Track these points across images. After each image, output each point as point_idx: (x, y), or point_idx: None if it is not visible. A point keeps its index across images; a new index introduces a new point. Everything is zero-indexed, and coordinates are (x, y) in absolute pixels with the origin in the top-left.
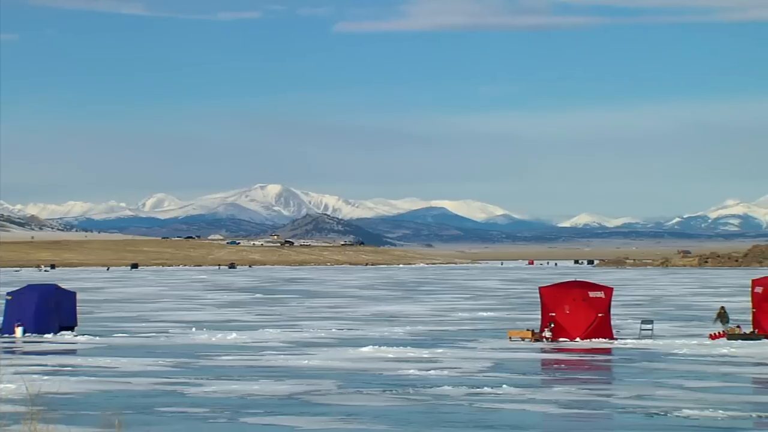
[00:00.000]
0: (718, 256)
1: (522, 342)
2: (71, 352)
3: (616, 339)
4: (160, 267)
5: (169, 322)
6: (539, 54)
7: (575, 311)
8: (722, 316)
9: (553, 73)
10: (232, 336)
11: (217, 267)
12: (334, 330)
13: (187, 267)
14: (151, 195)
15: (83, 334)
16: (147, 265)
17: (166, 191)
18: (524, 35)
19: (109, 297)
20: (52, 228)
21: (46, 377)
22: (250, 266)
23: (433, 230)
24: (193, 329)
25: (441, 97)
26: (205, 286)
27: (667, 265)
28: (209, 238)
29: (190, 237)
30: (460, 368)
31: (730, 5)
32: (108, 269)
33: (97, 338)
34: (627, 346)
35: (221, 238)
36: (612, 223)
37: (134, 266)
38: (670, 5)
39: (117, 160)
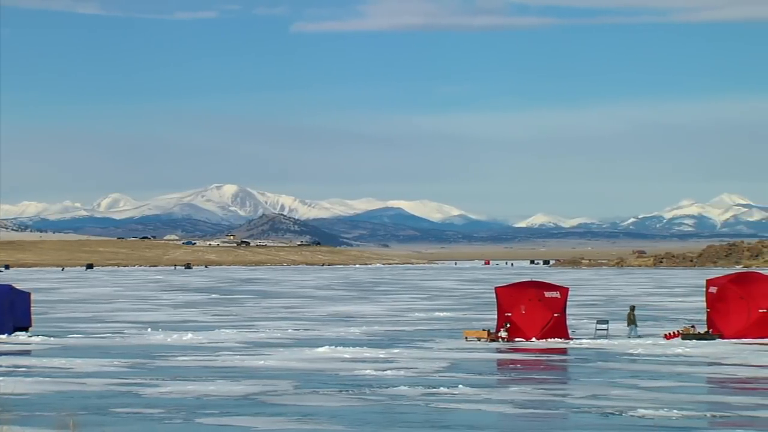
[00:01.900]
0: (673, 257)
1: (478, 342)
2: (26, 353)
3: (572, 339)
4: (116, 267)
5: (125, 323)
6: (496, 54)
7: (531, 311)
8: (629, 316)
9: (510, 73)
10: (188, 336)
11: (172, 267)
12: (290, 330)
13: (142, 267)
14: (107, 195)
15: (38, 335)
16: (102, 266)
17: (121, 191)
18: (481, 36)
19: (64, 297)
20: (6, 228)
21: (0, 378)
22: (206, 266)
23: (389, 230)
24: (149, 330)
25: (398, 97)
26: (161, 287)
27: (622, 266)
28: (165, 238)
29: (146, 237)
30: (416, 368)
31: (687, 6)
32: (63, 270)
33: (52, 339)
34: (582, 346)
35: (177, 238)
36: (568, 223)
37: (89, 267)
38: (627, 6)
39: (72, 160)
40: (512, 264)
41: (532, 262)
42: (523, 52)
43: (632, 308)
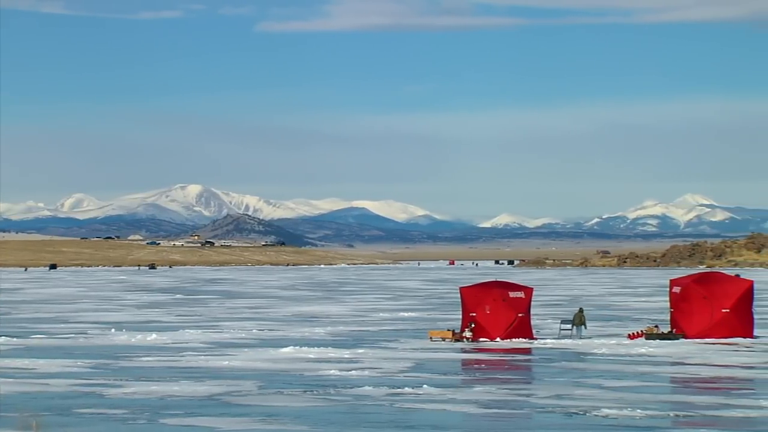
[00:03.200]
0: (637, 257)
1: (443, 342)
2: None
3: (536, 339)
4: (79, 267)
5: (88, 323)
6: (461, 55)
7: (495, 311)
8: (578, 317)
9: (475, 74)
10: (152, 337)
11: (136, 267)
12: (254, 331)
13: (106, 267)
14: (70, 195)
15: (1, 336)
16: (66, 266)
17: (85, 191)
18: (446, 36)
19: (27, 298)
20: None
21: None
22: (170, 267)
23: (354, 231)
24: (113, 330)
25: (363, 97)
26: (125, 287)
27: (586, 266)
28: (129, 238)
29: (110, 237)
30: (380, 368)
31: (651, 7)
32: (26, 270)
33: (15, 339)
34: (547, 346)
35: (141, 238)
36: (532, 223)
37: (53, 267)
38: (591, 7)
39: (35, 159)
40: (477, 264)
41: (496, 262)
42: (488, 53)
43: (580, 310)
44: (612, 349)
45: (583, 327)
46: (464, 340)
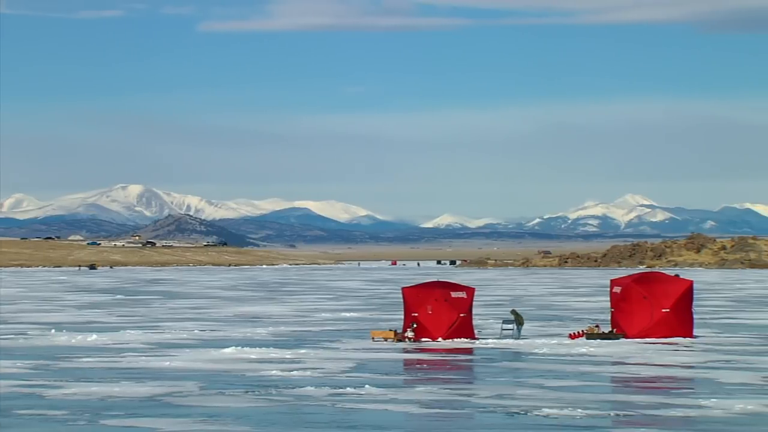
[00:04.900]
0: (578, 257)
1: (385, 342)
2: None
3: (478, 339)
4: (19, 268)
5: (28, 324)
6: (403, 55)
7: (437, 311)
8: (516, 317)
9: (416, 74)
10: (93, 338)
11: (77, 268)
12: (196, 331)
13: (46, 268)
14: (9, 195)
15: None
16: (5, 266)
17: (24, 191)
18: (389, 36)
19: None
20: None
21: None
22: (111, 267)
23: (296, 231)
24: (53, 331)
25: (305, 97)
26: (65, 288)
27: (527, 266)
28: (69, 238)
29: (50, 238)
30: (322, 369)
31: (593, 8)
32: None
33: None
34: (488, 345)
35: (81, 238)
36: (474, 223)
37: None
38: (534, 7)
39: None
40: (419, 264)
41: (438, 262)
42: (430, 53)
43: (512, 311)
44: (553, 348)
45: (521, 326)
46: (406, 340)
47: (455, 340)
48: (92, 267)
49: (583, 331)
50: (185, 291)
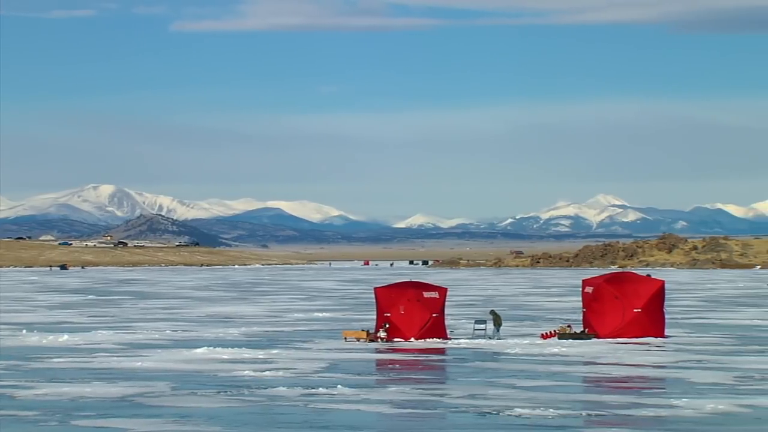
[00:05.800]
0: (550, 257)
1: (357, 342)
2: None
3: (450, 339)
4: None
5: None
6: (376, 55)
7: (410, 312)
8: (495, 317)
9: (389, 74)
10: (64, 338)
11: (48, 268)
12: (168, 331)
13: (17, 268)
14: None
15: None
16: None
17: None
18: (361, 36)
19: None
20: None
21: None
22: (82, 267)
23: (269, 231)
24: (24, 331)
25: (278, 97)
26: (36, 288)
27: (500, 266)
28: (40, 238)
29: (21, 238)
30: (295, 369)
31: (566, 8)
32: None
33: None
34: (461, 346)
35: (53, 238)
36: (446, 223)
37: None
38: (506, 8)
39: None
40: (392, 264)
41: (411, 262)
42: (402, 53)
43: (491, 312)
44: (525, 348)
45: (500, 326)
46: (379, 340)
47: (428, 340)
48: (63, 267)
49: (555, 331)
50: (157, 291)
